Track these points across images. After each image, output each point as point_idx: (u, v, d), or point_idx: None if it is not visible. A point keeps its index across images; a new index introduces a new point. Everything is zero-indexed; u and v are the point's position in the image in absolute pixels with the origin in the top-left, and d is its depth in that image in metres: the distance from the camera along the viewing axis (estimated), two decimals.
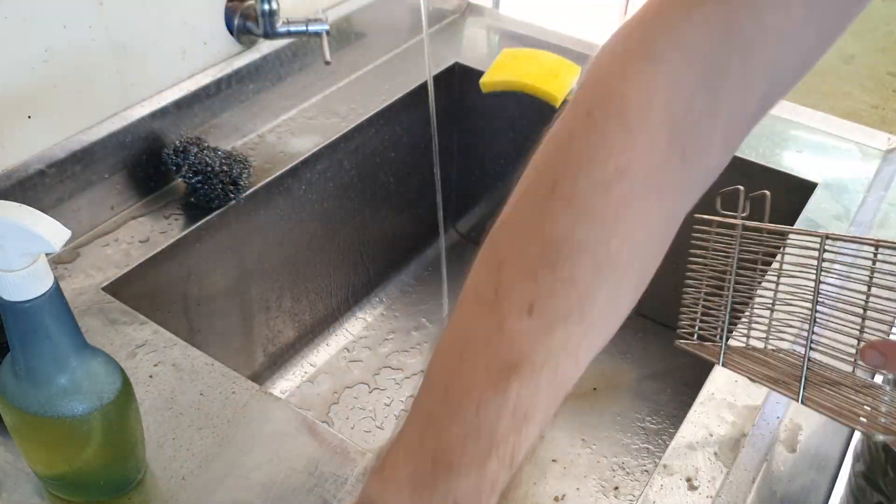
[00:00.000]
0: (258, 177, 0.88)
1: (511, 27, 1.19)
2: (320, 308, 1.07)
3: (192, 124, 0.87)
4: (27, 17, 0.68)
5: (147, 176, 0.84)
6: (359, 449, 0.59)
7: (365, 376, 1.04)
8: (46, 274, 0.44)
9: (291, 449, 0.59)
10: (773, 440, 0.62)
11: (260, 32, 0.87)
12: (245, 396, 0.63)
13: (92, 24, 0.74)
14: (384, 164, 1.07)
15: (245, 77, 0.91)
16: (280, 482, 0.57)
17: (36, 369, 0.48)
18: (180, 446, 0.59)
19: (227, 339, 0.93)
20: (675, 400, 1.02)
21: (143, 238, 0.79)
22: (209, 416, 0.61)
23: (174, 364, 0.65)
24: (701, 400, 0.65)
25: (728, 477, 0.59)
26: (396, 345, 1.08)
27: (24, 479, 0.56)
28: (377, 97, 1.02)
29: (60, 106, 0.74)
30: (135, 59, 0.79)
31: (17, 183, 0.72)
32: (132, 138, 0.81)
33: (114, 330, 0.68)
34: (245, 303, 0.94)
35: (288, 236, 0.96)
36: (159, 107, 0.82)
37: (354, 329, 1.11)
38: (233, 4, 0.87)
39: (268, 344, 1.00)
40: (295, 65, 0.97)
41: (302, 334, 1.06)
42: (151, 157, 0.83)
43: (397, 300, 1.15)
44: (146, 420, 0.59)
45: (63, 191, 0.76)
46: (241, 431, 0.60)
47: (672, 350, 0.63)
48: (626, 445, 0.96)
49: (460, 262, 1.21)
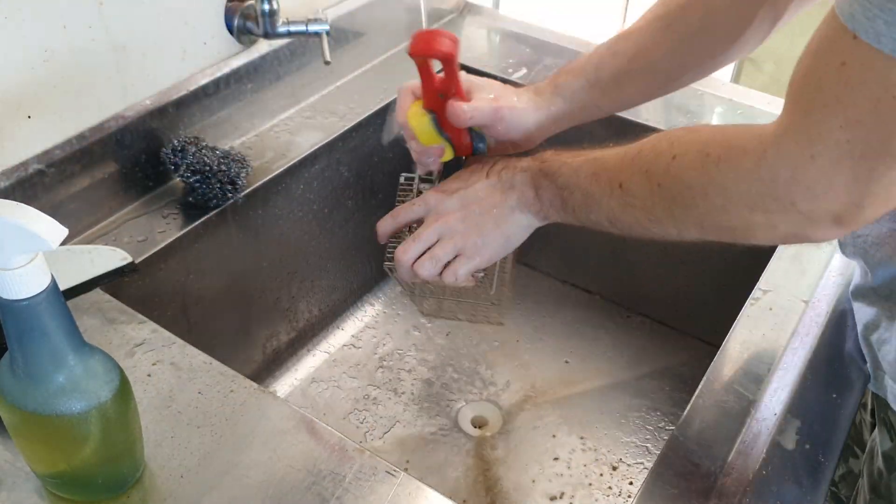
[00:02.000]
0: (256, 176, 0.88)
1: (510, 27, 1.19)
2: (318, 307, 1.07)
3: (191, 124, 0.87)
4: (27, 17, 0.69)
5: (145, 175, 0.84)
6: (356, 447, 0.60)
7: (363, 375, 1.04)
8: (44, 272, 0.45)
9: (289, 447, 0.59)
10: (771, 436, 0.62)
11: (260, 32, 0.87)
12: (243, 395, 0.63)
13: (92, 24, 0.74)
14: (382, 164, 1.07)
15: (244, 76, 0.91)
16: (278, 480, 0.57)
17: (34, 367, 0.48)
18: (179, 445, 0.59)
19: (226, 338, 0.93)
20: (673, 397, 1.02)
21: (141, 237, 0.79)
22: (207, 414, 0.61)
23: (172, 363, 0.65)
24: (698, 397, 0.65)
25: (725, 473, 0.59)
26: (395, 344, 1.09)
27: (23, 479, 0.57)
28: (375, 96, 1.03)
29: (60, 106, 0.75)
30: (135, 59, 0.79)
31: (16, 182, 0.72)
32: (131, 138, 0.81)
33: (112, 329, 0.68)
34: (243, 302, 0.94)
35: (286, 235, 0.96)
36: (158, 106, 0.83)
37: (353, 328, 1.11)
38: (233, 4, 0.87)
39: (266, 343, 1.01)
40: (293, 64, 0.97)
41: (300, 333, 1.06)
42: (150, 157, 0.83)
43: (396, 300, 1.15)
44: (145, 419, 0.59)
45: (62, 190, 0.76)
46: (239, 430, 0.60)
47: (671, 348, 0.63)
48: (624, 443, 0.96)
49: None
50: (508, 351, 1.08)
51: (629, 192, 0.57)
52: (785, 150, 0.47)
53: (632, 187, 0.57)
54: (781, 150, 0.47)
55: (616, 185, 0.58)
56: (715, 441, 0.61)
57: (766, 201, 0.48)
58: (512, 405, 1.01)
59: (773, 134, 0.48)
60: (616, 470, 0.94)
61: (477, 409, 1.01)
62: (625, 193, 0.58)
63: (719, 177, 0.51)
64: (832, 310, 0.74)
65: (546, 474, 0.93)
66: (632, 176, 0.57)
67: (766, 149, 0.48)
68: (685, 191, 0.53)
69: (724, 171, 0.51)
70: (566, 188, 0.62)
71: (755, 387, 0.66)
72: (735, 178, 0.50)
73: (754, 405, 0.64)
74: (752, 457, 0.61)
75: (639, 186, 0.57)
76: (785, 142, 0.47)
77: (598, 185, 0.60)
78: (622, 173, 0.58)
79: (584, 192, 0.61)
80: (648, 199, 0.56)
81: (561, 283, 1.18)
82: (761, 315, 0.73)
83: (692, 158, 0.53)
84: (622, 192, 0.58)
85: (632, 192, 0.57)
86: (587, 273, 1.17)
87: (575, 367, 1.07)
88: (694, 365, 1.05)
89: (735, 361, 0.68)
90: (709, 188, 0.51)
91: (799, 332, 0.71)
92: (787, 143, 0.46)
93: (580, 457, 0.95)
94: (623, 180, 0.58)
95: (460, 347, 1.08)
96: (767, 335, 0.71)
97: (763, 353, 0.69)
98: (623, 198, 0.58)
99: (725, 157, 0.51)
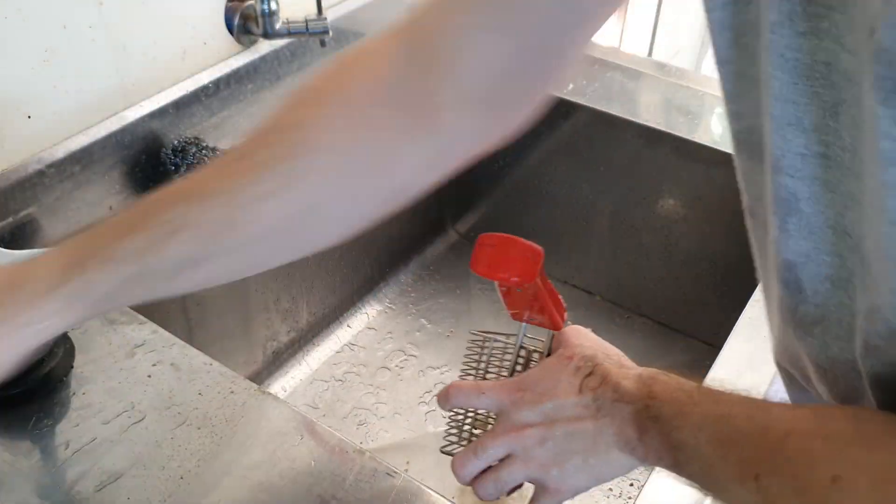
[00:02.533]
0: None
1: None
2: (319, 308, 1.07)
3: (191, 124, 0.87)
4: (27, 17, 0.69)
5: (146, 176, 0.84)
6: (357, 448, 0.60)
7: (364, 376, 1.04)
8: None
9: (290, 448, 0.59)
10: None
11: (260, 33, 0.87)
12: (243, 396, 0.63)
13: (92, 24, 0.74)
14: None
15: (244, 77, 0.91)
16: (278, 481, 0.57)
17: None
18: (179, 446, 0.59)
19: (226, 339, 0.93)
20: None
21: None
22: (207, 415, 0.61)
23: (173, 364, 0.65)
24: None
25: None
26: (395, 345, 1.09)
27: (23, 479, 0.56)
28: None
29: (60, 106, 0.74)
30: (135, 59, 0.79)
31: (16, 183, 0.72)
32: (131, 138, 0.81)
33: (112, 330, 0.68)
34: (244, 303, 0.94)
35: None
36: (158, 107, 0.83)
37: (353, 329, 1.11)
38: (233, 5, 0.87)
39: (266, 344, 1.01)
40: (293, 65, 0.97)
41: (300, 334, 1.06)
42: (150, 157, 0.83)
43: (396, 300, 1.15)
44: (145, 419, 0.59)
45: (62, 191, 0.76)
46: (239, 431, 0.60)
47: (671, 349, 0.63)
48: None
49: (460, 263, 1.21)
50: None
51: (768, 491, 0.41)
52: None
53: (772, 487, 0.41)
54: None
55: (750, 475, 0.42)
56: None
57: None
58: None
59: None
60: None
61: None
62: (760, 491, 0.41)
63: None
64: None
65: None
66: (772, 475, 0.41)
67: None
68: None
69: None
70: (680, 450, 0.46)
71: (756, 389, 0.66)
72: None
73: None
74: None
75: (783, 491, 0.40)
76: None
77: (724, 463, 0.44)
78: (760, 464, 0.42)
79: (705, 463, 0.45)
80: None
81: (562, 283, 1.18)
82: (762, 316, 0.73)
83: (863, 494, 0.37)
84: (757, 487, 0.41)
85: (772, 493, 0.41)
86: (588, 274, 1.16)
87: None
88: (695, 366, 1.05)
89: (736, 363, 0.68)
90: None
91: None
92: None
93: None
94: (760, 473, 0.41)
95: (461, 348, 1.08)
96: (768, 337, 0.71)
97: (764, 355, 0.69)
98: (757, 495, 0.42)
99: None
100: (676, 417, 0.47)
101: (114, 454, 0.58)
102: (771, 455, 0.41)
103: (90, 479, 0.57)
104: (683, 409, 0.47)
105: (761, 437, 0.42)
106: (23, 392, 0.61)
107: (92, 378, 0.64)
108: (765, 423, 0.43)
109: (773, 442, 0.41)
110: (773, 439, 0.42)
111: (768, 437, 0.42)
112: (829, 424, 0.41)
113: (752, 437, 0.43)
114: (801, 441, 0.41)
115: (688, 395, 0.47)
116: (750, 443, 0.43)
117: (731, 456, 0.44)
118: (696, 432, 0.45)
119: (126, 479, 0.57)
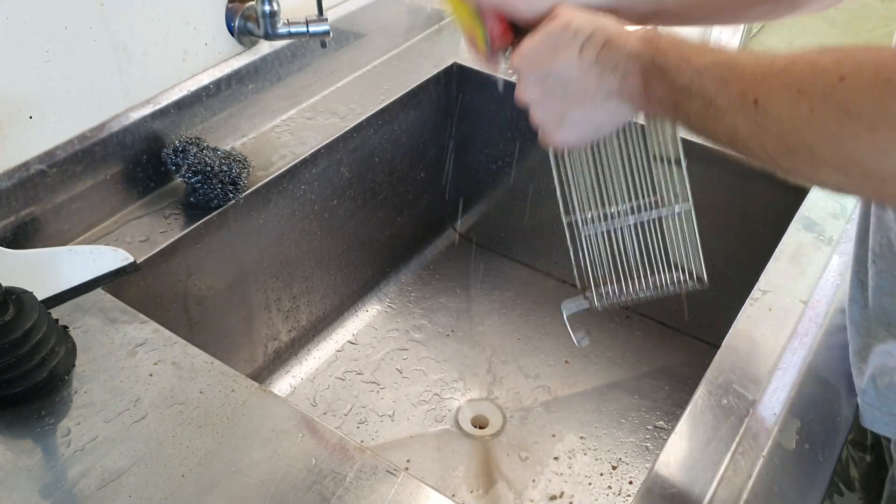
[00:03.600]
0: (257, 177, 0.88)
1: None
2: (319, 307, 1.07)
3: (192, 124, 0.87)
4: (28, 17, 0.69)
5: (147, 176, 0.84)
6: (357, 446, 0.60)
7: (364, 375, 1.04)
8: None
9: (290, 446, 0.60)
10: (770, 436, 0.62)
11: (260, 33, 0.88)
12: (244, 394, 0.63)
13: (93, 24, 0.74)
14: (383, 164, 1.07)
15: (245, 77, 0.91)
16: (279, 479, 0.57)
17: None
18: (180, 444, 0.59)
19: (227, 337, 0.93)
20: (672, 397, 1.02)
21: (142, 238, 0.79)
22: (209, 414, 0.62)
23: (174, 362, 0.66)
24: (698, 396, 0.65)
25: (725, 472, 0.59)
26: (395, 344, 1.09)
27: (25, 478, 0.57)
28: (376, 97, 1.03)
29: (61, 106, 0.75)
30: (136, 59, 0.80)
31: (18, 183, 0.72)
32: (132, 138, 0.81)
33: (114, 329, 0.68)
34: (244, 302, 0.94)
35: (287, 236, 0.96)
36: (159, 107, 0.83)
37: (353, 328, 1.11)
38: (234, 5, 0.87)
39: (267, 342, 1.01)
40: (294, 65, 0.97)
41: (301, 333, 1.06)
42: (151, 157, 0.83)
43: (396, 299, 1.16)
44: (146, 418, 0.59)
45: (64, 191, 0.76)
46: (240, 429, 0.61)
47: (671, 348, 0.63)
48: (624, 443, 0.97)
49: (460, 262, 1.22)
50: (509, 351, 1.09)
51: (766, 111, 0.46)
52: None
53: (771, 107, 0.46)
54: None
55: (750, 100, 0.47)
56: (715, 441, 0.62)
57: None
58: (512, 405, 1.01)
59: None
60: (616, 469, 0.94)
61: (477, 408, 1.01)
62: (759, 112, 0.47)
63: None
64: (831, 310, 0.74)
65: (546, 474, 0.93)
66: (774, 93, 0.46)
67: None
68: (848, 121, 0.43)
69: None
70: (684, 92, 0.51)
71: (755, 387, 0.66)
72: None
73: (754, 405, 0.65)
74: (752, 457, 0.61)
75: (782, 107, 0.46)
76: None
77: (725, 95, 0.49)
78: (761, 87, 0.47)
79: (707, 100, 0.50)
80: (790, 125, 0.45)
81: (561, 282, 1.18)
82: (761, 315, 0.73)
83: (867, 82, 0.42)
84: (756, 110, 0.47)
85: (769, 113, 0.46)
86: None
87: (575, 367, 1.07)
88: (693, 365, 1.05)
89: (734, 361, 0.68)
90: (882, 123, 0.41)
91: (798, 333, 0.71)
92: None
93: (580, 456, 0.95)
94: (761, 96, 0.47)
95: (461, 347, 1.08)
96: (767, 335, 0.71)
97: (762, 354, 0.69)
98: (756, 117, 0.47)
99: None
100: (682, 64, 0.51)
101: (115, 452, 0.58)
102: (775, 77, 0.46)
103: (92, 478, 0.57)
104: (687, 54, 0.51)
105: (764, 66, 0.47)
106: (24, 391, 0.61)
107: (93, 377, 0.64)
108: (770, 59, 0.47)
109: (778, 67, 0.46)
110: (778, 66, 0.46)
111: (773, 65, 0.47)
112: (837, 50, 0.45)
113: (755, 69, 0.48)
114: (807, 60, 0.45)
115: (693, 47, 0.52)
116: (752, 73, 0.48)
117: (733, 87, 0.48)
118: (701, 74, 0.50)
119: (127, 477, 0.57)
